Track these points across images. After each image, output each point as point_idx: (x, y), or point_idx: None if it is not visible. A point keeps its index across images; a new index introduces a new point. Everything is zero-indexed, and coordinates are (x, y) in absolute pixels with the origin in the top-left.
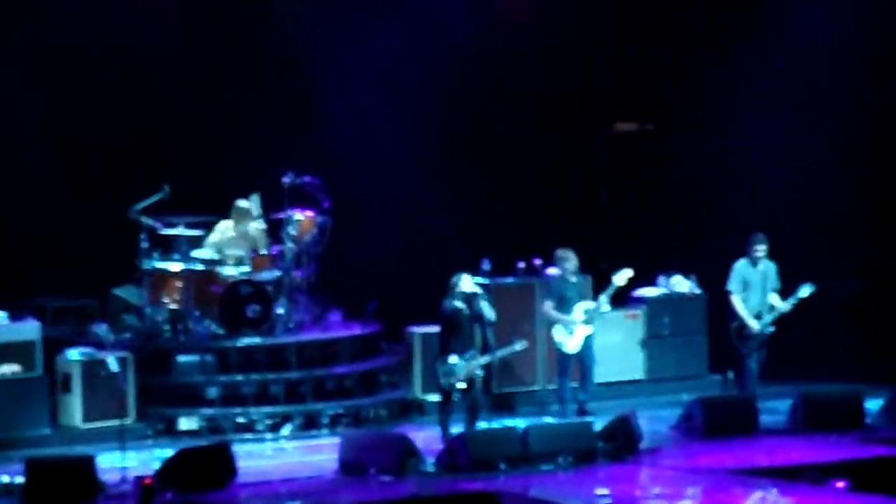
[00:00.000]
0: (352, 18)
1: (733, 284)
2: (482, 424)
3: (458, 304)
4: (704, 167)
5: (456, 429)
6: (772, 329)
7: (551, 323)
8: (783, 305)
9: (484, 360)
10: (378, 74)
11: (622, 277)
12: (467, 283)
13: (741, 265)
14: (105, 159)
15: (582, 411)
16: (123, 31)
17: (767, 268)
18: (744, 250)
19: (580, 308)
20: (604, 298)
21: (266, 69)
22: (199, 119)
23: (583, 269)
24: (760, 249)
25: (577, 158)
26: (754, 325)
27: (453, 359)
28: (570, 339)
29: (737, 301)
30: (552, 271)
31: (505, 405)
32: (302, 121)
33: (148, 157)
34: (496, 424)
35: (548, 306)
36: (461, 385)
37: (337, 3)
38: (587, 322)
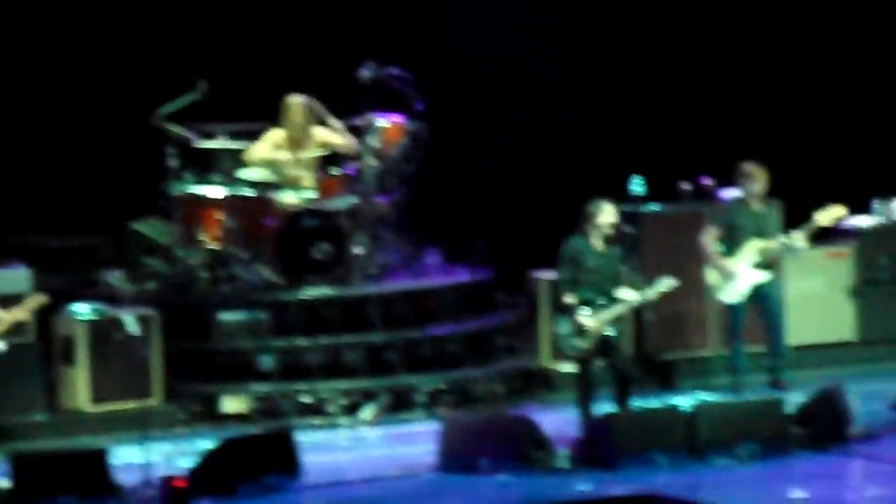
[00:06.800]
0: None
1: None
2: (634, 403)
3: (592, 241)
4: None
5: (599, 409)
6: None
7: (703, 260)
8: None
9: (618, 309)
10: None
11: (829, 216)
12: (608, 213)
13: None
14: (121, 48)
15: (776, 382)
16: None
17: None
18: None
19: (753, 247)
20: (798, 236)
21: None
22: None
23: (772, 192)
24: None
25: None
26: None
27: (582, 312)
28: (728, 285)
29: None
30: (729, 193)
31: (664, 378)
32: None
33: (178, 45)
34: (653, 404)
35: (707, 237)
36: (586, 346)
37: None
38: (760, 266)
